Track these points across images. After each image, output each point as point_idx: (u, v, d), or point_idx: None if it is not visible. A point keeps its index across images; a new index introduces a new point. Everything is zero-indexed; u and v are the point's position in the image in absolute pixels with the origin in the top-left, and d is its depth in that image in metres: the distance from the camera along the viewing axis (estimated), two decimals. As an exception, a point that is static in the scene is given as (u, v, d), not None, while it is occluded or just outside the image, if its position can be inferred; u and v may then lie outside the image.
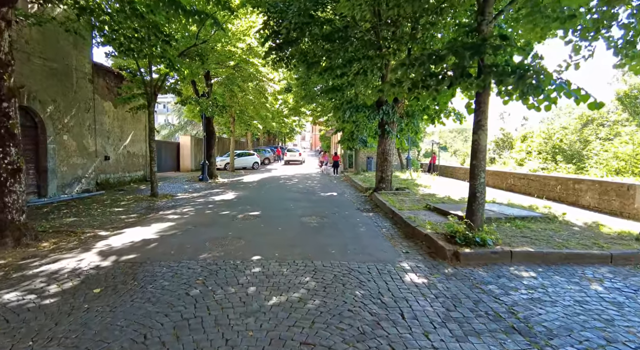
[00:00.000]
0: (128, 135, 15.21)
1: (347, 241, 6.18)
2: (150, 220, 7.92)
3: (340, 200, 11.36)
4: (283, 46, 9.16)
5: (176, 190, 13.75)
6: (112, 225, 7.43)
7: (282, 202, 10.63)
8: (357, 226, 7.44)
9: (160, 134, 38.63)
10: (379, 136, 11.64)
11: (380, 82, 13.13)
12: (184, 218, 8.18)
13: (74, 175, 11.72)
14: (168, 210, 9.31)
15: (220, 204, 10.28)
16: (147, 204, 10.42)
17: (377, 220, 8.20)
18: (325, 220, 8.01)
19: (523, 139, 21.96)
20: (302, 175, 21.70)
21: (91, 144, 12.60)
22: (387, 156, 11.52)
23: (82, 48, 11.93)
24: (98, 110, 13.07)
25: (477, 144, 5.82)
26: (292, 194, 12.60)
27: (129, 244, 5.87)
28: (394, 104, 11.07)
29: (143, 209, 9.47)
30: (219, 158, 25.77)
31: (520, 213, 7.67)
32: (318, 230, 6.96)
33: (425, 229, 6.40)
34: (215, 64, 16.36)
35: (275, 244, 5.88)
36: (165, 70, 8.94)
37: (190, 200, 11.22)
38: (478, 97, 5.80)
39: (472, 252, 5.13)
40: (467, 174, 17.27)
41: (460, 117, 11.74)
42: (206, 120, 17.15)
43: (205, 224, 7.46)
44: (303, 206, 9.94)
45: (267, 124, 27.57)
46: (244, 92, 18.11)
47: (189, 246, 5.74)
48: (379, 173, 11.65)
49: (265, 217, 8.22)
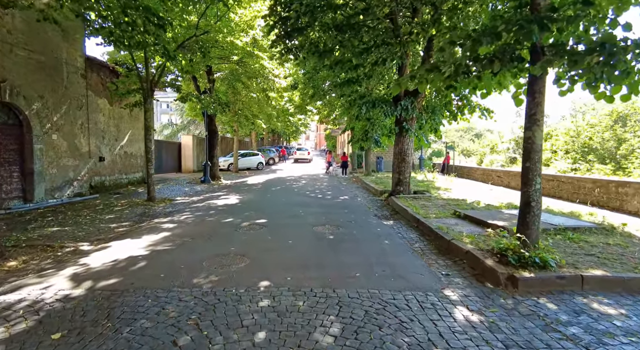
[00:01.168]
0: (125, 134, 14.30)
1: (372, 259, 5.18)
2: (142, 231, 6.96)
3: (354, 205, 10.36)
4: (292, 34, 8.18)
5: (176, 193, 12.82)
6: (98, 237, 6.48)
7: (291, 208, 9.65)
8: (380, 238, 6.43)
9: (163, 134, 37.83)
10: (395, 134, 10.62)
11: (396, 75, 12.12)
12: (181, 227, 7.22)
13: (65, 178, 10.82)
14: (164, 217, 8.35)
15: (222, 210, 9.31)
16: (142, 209, 9.48)
17: (400, 229, 7.19)
18: (342, 230, 7.01)
19: (545, 137, 20.69)
20: (309, 176, 20.71)
21: (84, 144, 11.69)
22: (405, 156, 10.50)
23: (74, 40, 11.02)
24: (92, 108, 12.15)
25: (530, 142, 4.79)
26: (300, 198, 11.61)
27: (111, 264, 4.91)
28: (413, 99, 10.04)
29: (137, 216, 8.53)
30: (222, 158, 24.86)
31: (569, 222, 6.61)
32: (335, 245, 5.96)
33: (464, 244, 5.38)
34: (218, 59, 15.43)
35: (286, 264, 4.88)
36: (161, 60, 7.98)
37: (189, 205, 10.27)
38: (532, 85, 4.76)
39: (533, 277, 4.11)
40: (485, 175, 16.22)
41: (488, 113, 10.69)
42: (208, 118, 16.20)
43: (204, 236, 6.48)
44: (314, 212, 8.95)
45: (272, 123, 26.60)
46: (248, 88, 17.13)
47: (183, 266, 4.76)
48: (396, 175, 10.62)
49: (273, 227, 7.23)
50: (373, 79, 9.88)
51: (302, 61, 9.99)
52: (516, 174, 13.78)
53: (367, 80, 9.33)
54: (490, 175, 15.60)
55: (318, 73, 15.05)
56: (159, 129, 39.37)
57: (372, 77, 9.47)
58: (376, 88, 12.77)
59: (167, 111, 66.26)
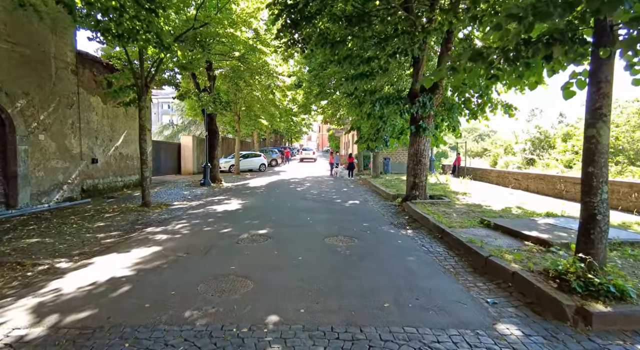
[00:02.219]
0: (120, 134, 13.51)
1: (400, 281, 4.35)
2: (131, 243, 6.15)
3: (365, 210, 9.52)
4: (299, 23, 7.36)
5: (173, 197, 12.01)
6: (80, 251, 5.67)
7: (297, 214, 8.82)
8: (402, 253, 5.59)
9: (163, 134, 37.09)
10: (410, 134, 9.78)
11: (409, 69, 11.28)
12: (175, 239, 6.40)
13: (53, 182, 10.02)
14: (158, 226, 7.54)
15: (222, 217, 8.49)
16: (135, 216, 8.67)
17: (423, 241, 6.35)
18: (357, 242, 6.17)
19: (565, 137, 19.75)
20: (314, 178, 19.87)
21: (75, 145, 10.89)
22: (421, 158, 9.66)
23: (63, 33, 10.23)
24: (84, 106, 11.36)
25: (594, 142, 3.94)
26: (306, 203, 10.78)
27: (88, 288, 4.09)
28: (431, 95, 9.21)
29: (128, 224, 7.72)
30: (223, 159, 24.06)
31: (623, 235, 5.76)
32: (353, 262, 5.13)
33: (507, 263, 4.54)
34: (219, 55, 14.65)
35: (298, 289, 4.05)
36: (155, 51, 7.17)
37: (187, 211, 9.45)
38: (597, 73, 3.92)
39: (612, 313, 3.27)
40: (500, 177, 15.35)
41: (510, 110, 9.85)
42: (208, 118, 15.39)
43: (200, 250, 5.66)
44: (323, 220, 8.12)
45: (275, 122, 25.77)
46: (250, 86, 16.31)
47: (174, 293, 3.94)
48: (411, 178, 9.78)
49: (279, 238, 6.40)
50: (389, 73, 9.03)
51: (309, 54, 9.17)
52: (535, 177, 12.92)
53: (383, 73, 8.52)
54: (507, 177, 14.73)
55: (325, 70, 14.22)
56: (159, 129, 38.63)
57: (387, 70, 8.65)
58: (386, 85, 11.92)
59: (168, 112, 65.62)
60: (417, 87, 9.48)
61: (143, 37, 6.35)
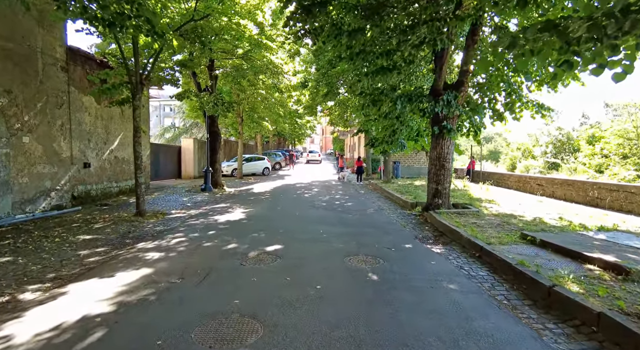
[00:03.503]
0: (116, 137, 12.64)
1: (449, 322, 3.41)
2: (118, 263, 5.23)
3: (383, 221, 8.57)
4: (311, 9, 6.46)
5: (171, 204, 11.10)
6: (56, 274, 4.76)
7: (308, 226, 7.89)
8: (440, 278, 4.64)
9: (164, 137, 36.30)
10: (432, 136, 8.85)
11: (430, 64, 10.35)
12: (169, 259, 5.47)
13: (40, 189, 9.13)
14: (151, 240, 6.62)
15: (224, 229, 7.57)
16: (127, 227, 7.77)
17: (459, 261, 5.41)
18: (383, 264, 5.22)
19: (591, 140, 18.67)
20: (320, 183, 18.92)
21: (64, 148, 10.02)
22: (444, 162, 8.72)
23: (52, 26, 9.38)
24: (75, 106, 10.50)
25: None
26: (317, 212, 9.85)
27: (48, 335, 3.17)
28: (456, 92, 8.28)
29: (118, 238, 6.81)
30: (226, 163, 23.18)
31: None
32: (384, 292, 4.18)
33: (582, 297, 3.58)
34: (221, 53, 13.78)
35: (322, 337, 3.11)
36: (146, 40, 6.29)
37: (185, 221, 8.54)
38: None
39: None
40: (521, 182, 14.38)
41: (544, 111, 8.90)
42: (210, 119, 14.51)
43: (198, 273, 4.73)
44: (338, 233, 7.18)
45: (279, 124, 24.89)
46: (254, 86, 15.43)
47: (161, 342, 3.01)
48: (433, 185, 8.83)
49: (290, 258, 5.46)
50: (414, 66, 8.12)
51: (320, 49, 8.29)
52: (562, 183, 11.93)
53: (408, 66, 7.61)
54: (528, 183, 13.75)
55: (334, 68, 13.32)
56: (160, 132, 37.85)
57: (413, 62, 7.75)
58: (400, 83, 10.98)
59: (170, 114, 64.97)
60: (441, 84, 8.57)
61: (133, 23, 5.46)
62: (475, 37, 8.30)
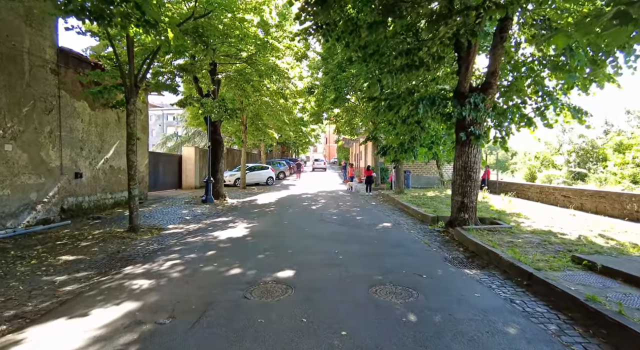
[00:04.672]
0: (111, 145, 11.84)
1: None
2: (97, 296, 4.34)
3: (403, 238, 7.66)
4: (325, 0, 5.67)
5: (169, 217, 10.24)
6: (18, 310, 3.89)
7: (319, 244, 6.98)
8: (492, 317, 3.71)
9: (166, 146, 35.62)
10: (457, 143, 7.98)
11: (449, 65, 9.54)
12: (160, 288, 4.58)
13: (23, 201, 8.30)
14: (141, 264, 5.73)
15: (225, 249, 6.68)
16: (117, 246, 6.91)
17: (506, 292, 4.49)
18: (418, 296, 4.30)
19: (620, 148, 17.64)
20: (327, 194, 18.01)
21: (53, 157, 9.22)
22: (471, 172, 7.83)
23: (41, 25, 8.67)
24: (66, 112, 9.73)
25: None
26: (327, 226, 8.94)
27: None
28: (483, 95, 7.44)
29: (104, 260, 5.94)
30: (228, 173, 22.37)
31: None
32: (427, 341, 3.26)
33: None
34: (224, 56, 13.06)
35: None
36: (137, 31, 5.51)
37: (182, 238, 7.66)
38: None
39: None
40: (543, 193, 13.44)
41: (580, 116, 8.02)
42: (212, 126, 13.72)
43: (192, 311, 3.84)
44: (355, 253, 6.27)
45: (284, 132, 24.11)
46: (259, 91, 14.66)
47: None
48: (458, 197, 7.93)
49: (304, 288, 4.55)
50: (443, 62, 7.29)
51: (332, 46, 7.50)
52: (593, 194, 10.98)
53: (436, 62, 6.79)
54: (552, 194, 12.81)
55: (344, 72, 12.55)
56: (162, 140, 37.19)
57: (442, 58, 6.93)
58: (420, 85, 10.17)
59: (172, 123, 64.61)
60: (466, 86, 7.73)
61: (120, 10, 4.67)
62: (503, 34, 7.49)
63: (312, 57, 16.74)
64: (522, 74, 7.79)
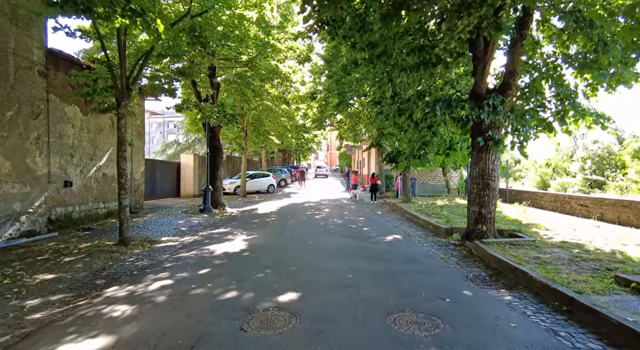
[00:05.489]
0: (105, 151, 11.28)
1: None
2: (68, 327, 3.71)
3: (416, 253, 7.02)
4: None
5: (164, 228, 9.62)
6: (-30, 348, 3.26)
7: (326, 261, 6.35)
8: (542, 359, 3.07)
9: (166, 153, 35.13)
10: (473, 149, 7.39)
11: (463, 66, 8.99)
12: (143, 316, 3.95)
13: (6, 212, 7.71)
14: (127, 284, 5.11)
15: (220, 266, 6.04)
16: (103, 261, 6.30)
17: (545, 319, 3.85)
18: (445, 328, 3.66)
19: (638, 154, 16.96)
20: (331, 202, 17.36)
21: (40, 165, 8.65)
22: (489, 181, 7.21)
23: (28, 25, 8.17)
24: (55, 117, 9.19)
25: None
26: (333, 239, 8.31)
27: None
28: (502, 97, 6.86)
29: (86, 279, 5.33)
30: (229, 180, 21.79)
31: None
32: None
33: None
34: (224, 60, 12.58)
35: None
36: (123, 22, 4.96)
37: (175, 252, 7.04)
38: None
39: None
40: (558, 202, 12.79)
41: (603, 122, 7.44)
42: (211, 132, 13.17)
43: (177, 347, 3.22)
44: (367, 272, 5.64)
45: (286, 139, 23.54)
46: (260, 96, 14.12)
47: None
48: (475, 208, 7.31)
49: (311, 319, 3.89)
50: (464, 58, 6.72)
51: (338, 44, 6.96)
52: (615, 203, 10.33)
53: (455, 59, 6.23)
54: (568, 203, 12.16)
55: (348, 75, 12.02)
56: (162, 148, 36.72)
57: (463, 55, 6.37)
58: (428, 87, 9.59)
59: (174, 131, 64.24)
60: (483, 87, 7.16)
61: (106, 0, 4.12)
62: (523, 31, 6.94)
63: (314, 61, 16.26)
64: (542, 74, 7.21)
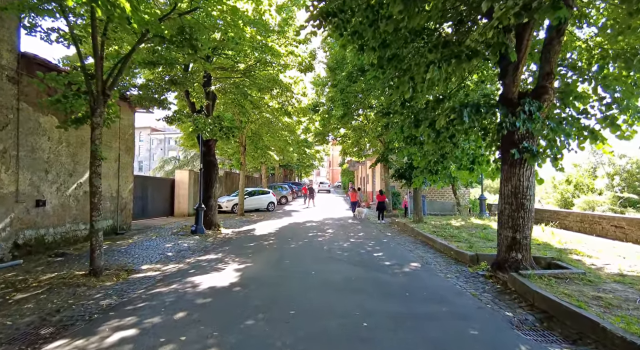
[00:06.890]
0: (87, 167, 10.20)
1: None
2: None
3: (441, 286, 5.85)
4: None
5: (148, 253, 8.49)
6: None
7: (333, 299, 5.19)
8: None
9: (164, 169, 34.17)
10: (504, 163, 6.33)
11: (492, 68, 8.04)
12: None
13: (-41, 237, 6.63)
14: (79, 336, 3.96)
15: (202, 308, 4.89)
16: (62, 299, 5.17)
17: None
18: None
19: None
20: (334, 221, 16.15)
21: (6, 182, 7.62)
22: (523, 200, 6.12)
23: (-2, 25, 7.29)
24: (27, 128, 8.22)
25: None
26: (340, 267, 7.16)
27: None
28: (539, 102, 5.84)
29: (29, 326, 4.19)
30: (226, 198, 20.70)
31: None
32: None
33: None
34: (220, 70, 11.72)
35: None
36: (102, 14, 4.01)
37: (152, 286, 5.88)
38: None
39: None
40: (585, 222, 11.61)
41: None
42: (205, 146, 12.17)
43: None
44: (386, 315, 4.47)
45: (287, 154, 22.54)
46: (259, 108, 13.20)
47: None
48: (508, 232, 6.18)
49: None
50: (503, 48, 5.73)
51: (348, 41, 6.01)
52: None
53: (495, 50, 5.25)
54: (599, 223, 10.98)
55: (354, 82, 11.11)
56: (160, 164, 35.82)
57: (504, 44, 5.39)
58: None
59: (174, 147, 63.62)
60: (515, 91, 6.15)
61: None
62: (561, 27, 5.98)
63: (317, 72, 15.45)
64: (585, 74, 6.23)
